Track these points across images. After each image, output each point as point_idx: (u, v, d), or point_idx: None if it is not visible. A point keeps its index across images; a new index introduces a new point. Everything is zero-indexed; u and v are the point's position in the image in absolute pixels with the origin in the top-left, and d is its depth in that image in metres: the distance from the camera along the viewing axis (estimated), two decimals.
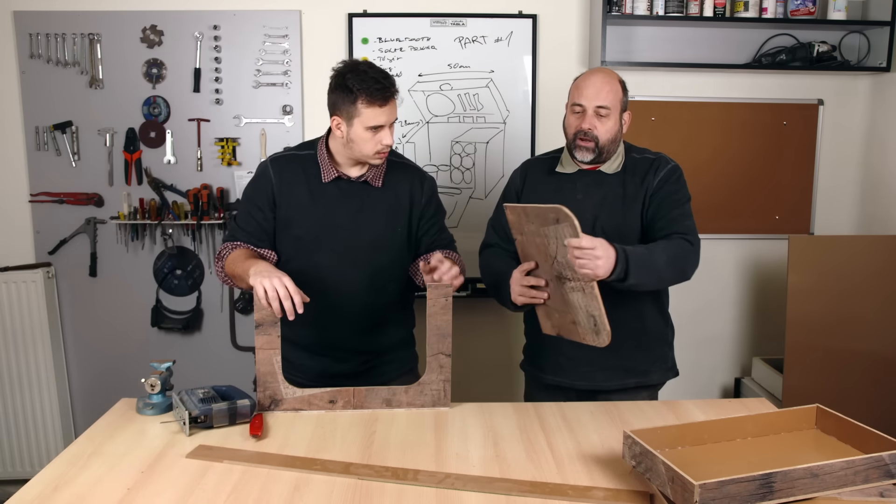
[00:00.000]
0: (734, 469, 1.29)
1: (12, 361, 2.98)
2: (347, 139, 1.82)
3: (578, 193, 1.95)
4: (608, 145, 1.90)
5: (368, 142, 1.80)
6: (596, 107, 1.87)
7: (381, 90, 1.76)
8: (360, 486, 1.42)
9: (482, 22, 2.96)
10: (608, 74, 1.91)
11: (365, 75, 1.76)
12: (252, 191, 1.94)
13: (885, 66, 2.91)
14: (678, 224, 1.88)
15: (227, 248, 1.90)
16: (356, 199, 1.91)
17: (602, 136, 1.88)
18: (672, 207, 1.90)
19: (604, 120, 1.87)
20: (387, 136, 1.80)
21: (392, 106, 1.80)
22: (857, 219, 3.17)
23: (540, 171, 2.04)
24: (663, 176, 1.92)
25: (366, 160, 1.86)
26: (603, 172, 1.95)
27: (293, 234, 1.92)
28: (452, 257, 1.94)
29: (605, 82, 1.88)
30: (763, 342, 3.23)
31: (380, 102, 1.76)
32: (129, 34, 2.91)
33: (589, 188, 1.95)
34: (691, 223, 1.91)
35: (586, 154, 1.91)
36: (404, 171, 1.98)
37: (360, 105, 1.76)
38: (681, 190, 1.93)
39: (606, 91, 1.87)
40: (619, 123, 1.92)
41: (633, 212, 1.92)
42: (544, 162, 2.06)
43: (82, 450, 1.57)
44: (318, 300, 1.74)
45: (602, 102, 1.87)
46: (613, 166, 1.95)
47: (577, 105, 1.90)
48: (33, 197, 2.98)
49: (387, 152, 1.85)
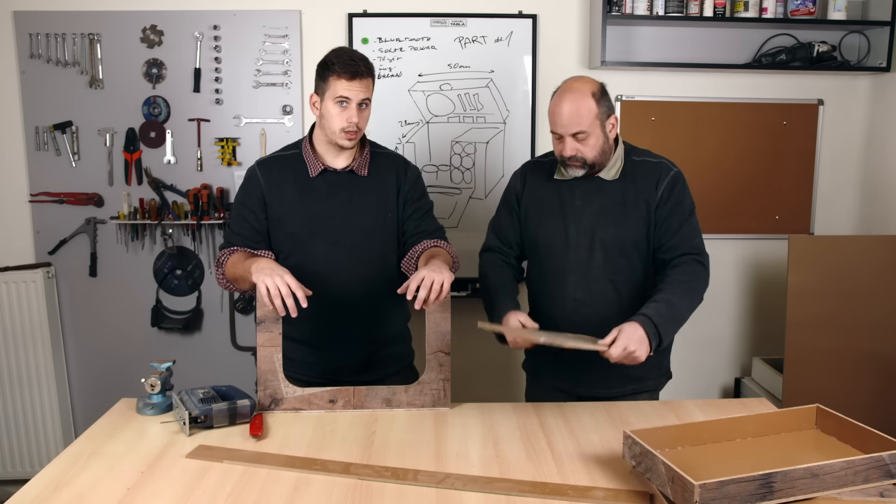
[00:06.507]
0: (734, 469, 1.29)
1: (12, 361, 2.98)
2: (321, 115, 1.89)
3: (577, 200, 1.93)
4: (598, 159, 1.88)
5: (336, 117, 1.85)
6: (572, 134, 1.83)
7: (352, 64, 1.82)
8: (360, 486, 1.42)
9: (482, 22, 2.96)
10: (577, 95, 1.83)
11: (342, 52, 1.85)
12: (242, 195, 1.98)
13: (885, 66, 2.91)
14: (688, 243, 1.88)
15: (224, 255, 1.93)
16: (344, 189, 1.94)
17: (589, 155, 1.86)
18: (680, 224, 1.88)
19: (585, 141, 1.84)
20: (353, 114, 1.85)
21: (361, 84, 1.84)
22: (857, 219, 3.17)
23: (540, 176, 2.02)
24: (666, 186, 1.89)
25: (335, 139, 1.89)
26: (602, 179, 1.93)
27: (287, 230, 1.94)
28: (442, 246, 1.94)
29: (575, 107, 1.82)
30: (763, 342, 3.23)
31: (347, 77, 1.82)
32: (129, 34, 2.91)
33: (588, 195, 1.93)
34: (699, 239, 1.91)
35: (577, 171, 1.89)
36: (388, 159, 2.03)
37: (332, 78, 1.83)
38: (685, 200, 1.91)
39: (579, 116, 1.82)
40: (604, 135, 1.87)
41: (633, 219, 1.90)
42: (544, 165, 2.04)
43: (82, 450, 1.57)
44: (317, 293, 1.75)
45: (577, 129, 1.82)
46: (612, 172, 1.92)
47: (555, 133, 1.88)
48: (33, 197, 2.98)
49: (354, 132, 1.87)
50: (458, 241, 2.82)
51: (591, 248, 1.92)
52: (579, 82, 1.86)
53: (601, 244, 1.91)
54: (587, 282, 1.93)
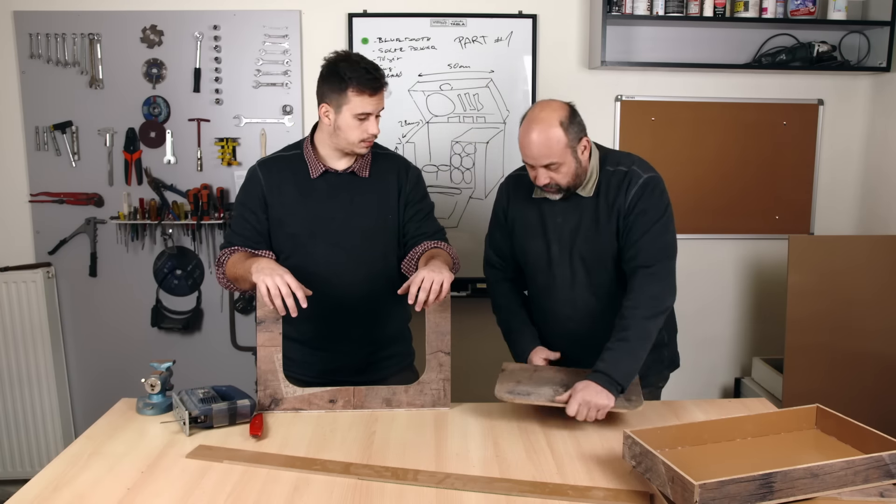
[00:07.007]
0: (734, 469, 1.29)
1: (12, 361, 2.98)
2: (335, 127, 1.86)
3: (558, 217, 1.93)
4: (572, 182, 1.85)
5: (355, 129, 1.84)
6: (543, 166, 1.82)
7: (372, 80, 1.82)
8: (360, 486, 1.42)
9: (482, 22, 2.96)
10: (544, 126, 1.78)
11: (357, 65, 1.82)
12: (243, 195, 1.98)
13: (885, 66, 2.91)
14: (645, 254, 1.83)
15: (225, 254, 1.93)
16: (345, 191, 1.94)
17: (563, 181, 1.83)
18: (641, 233, 1.84)
19: (558, 170, 1.82)
20: (373, 126, 1.85)
21: (380, 96, 1.86)
22: (857, 219, 3.17)
23: (521, 193, 2.00)
24: (634, 195, 1.85)
25: (351, 149, 1.89)
26: (579, 195, 1.90)
27: (287, 231, 1.94)
28: (442, 247, 1.95)
29: (544, 139, 1.77)
30: (763, 342, 3.23)
31: (369, 91, 1.82)
32: (129, 34, 2.91)
33: (566, 212, 1.92)
34: (662, 247, 1.85)
35: (554, 196, 1.88)
36: (389, 160, 2.02)
37: (350, 93, 1.81)
38: (650, 208, 1.85)
39: (548, 148, 1.78)
40: (576, 160, 1.83)
41: (607, 234, 1.88)
42: (523, 182, 1.99)
43: (82, 450, 1.57)
44: (318, 293, 1.75)
45: (547, 161, 1.80)
46: (587, 189, 1.90)
47: (527, 163, 1.86)
48: (33, 197, 2.98)
49: (371, 141, 1.90)
50: (458, 241, 2.82)
51: (572, 264, 1.92)
52: (546, 111, 1.81)
53: (581, 261, 1.92)
54: (572, 297, 1.95)
